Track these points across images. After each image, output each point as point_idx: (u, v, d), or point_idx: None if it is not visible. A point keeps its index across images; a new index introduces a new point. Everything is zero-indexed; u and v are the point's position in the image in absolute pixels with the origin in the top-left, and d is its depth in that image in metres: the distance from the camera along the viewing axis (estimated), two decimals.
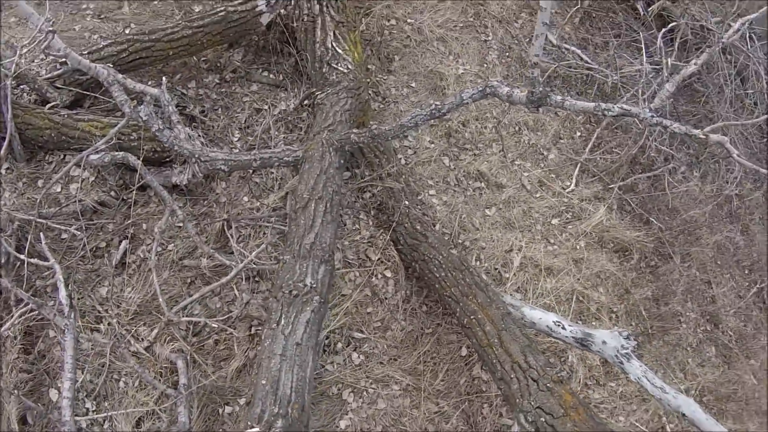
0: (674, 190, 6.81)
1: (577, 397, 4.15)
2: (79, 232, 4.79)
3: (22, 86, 5.32)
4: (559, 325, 4.85)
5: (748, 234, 7.34)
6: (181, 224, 4.94)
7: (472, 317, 4.72)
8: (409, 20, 6.68)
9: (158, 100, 4.96)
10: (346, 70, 5.54)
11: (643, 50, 6.86)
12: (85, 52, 5.26)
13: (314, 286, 3.99)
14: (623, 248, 6.35)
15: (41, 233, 4.67)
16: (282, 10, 5.79)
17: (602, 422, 4.08)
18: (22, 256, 4.54)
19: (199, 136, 5.33)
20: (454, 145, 6.23)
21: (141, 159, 4.79)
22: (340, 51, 5.64)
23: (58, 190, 5.15)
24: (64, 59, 4.68)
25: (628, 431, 5.11)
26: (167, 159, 5.18)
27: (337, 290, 5.21)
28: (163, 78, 5.01)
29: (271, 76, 6.03)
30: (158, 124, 4.48)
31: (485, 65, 6.71)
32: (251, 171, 5.36)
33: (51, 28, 4.19)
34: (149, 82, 5.56)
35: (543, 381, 4.19)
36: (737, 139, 7.24)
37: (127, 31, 5.87)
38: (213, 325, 4.71)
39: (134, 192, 5.03)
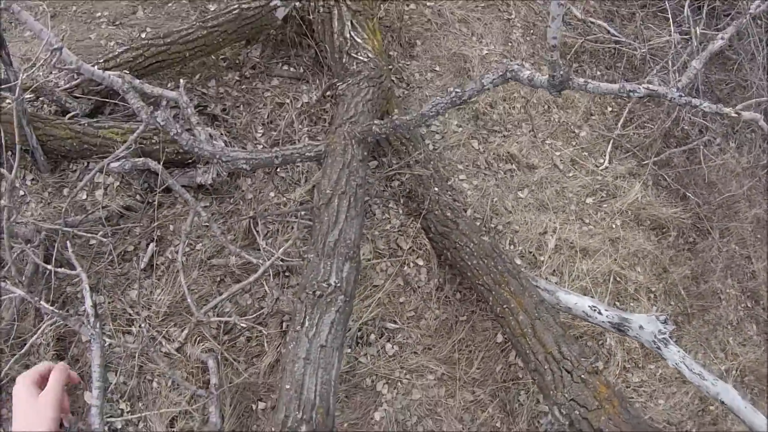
0: (710, 163, 6.49)
1: (612, 389, 3.97)
2: (105, 239, 4.69)
3: (41, 98, 5.24)
4: (595, 310, 4.64)
5: None
6: (207, 224, 4.81)
7: (504, 306, 4.52)
8: (428, 3, 6.46)
9: (177, 102, 4.83)
10: (366, 59, 5.35)
11: (671, 20, 6.54)
12: (101, 60, 5.17)
13: (339, 285, 3.81)
14: (660, 225, 6.09)
15: (68, 242, 4.59)
16: (297, 3, 5.62)
17: (637, 414, 3.88)
18: (49, 267, 4.45)
19: (222, 135, 5.20)
20: (483, 128, 6.01)
21: (162, 162, 4.67)
22: (359, 40, 5.45)
23: (84, 197, 5.08)
24: (77, 71, 4.54)
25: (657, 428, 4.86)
26: (191, 160, 5.06)
27: (369, 281, 5.06)
28: (181, 80, 4.88)
29: (292, 69, 5.86)
30: (176, 128, 4.33)
31: (510, 44, 6.47)
32: (275, 167, 5.20)
33: (56, 46, 4.04)
34: (169, 84, 5.46)
35: (577, 372, 4.00)
36: None
37: (142, 36, 5.77)
38: (242, 325, 4.56)
39: (159, 194, 4.94)
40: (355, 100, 4.98)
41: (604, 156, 6.22)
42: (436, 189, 5.18)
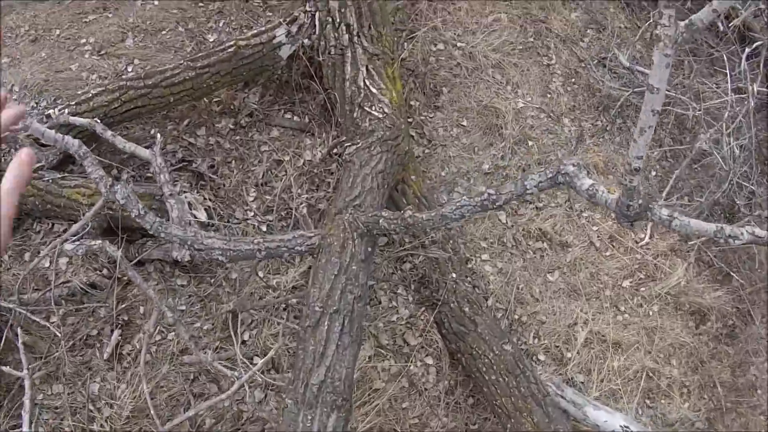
0: None
1: None
2: (58, 332, 3.67)
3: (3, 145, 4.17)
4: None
5: None
6: (173, 324, 3.75)
7: None
8: (459, 44, 5.23)
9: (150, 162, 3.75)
10: (381, 115, 4.20)
11: (728, 77, 5.31)
12: (73, 103, 4.09)
13: None
14: (700, 311, 4.97)
15: (19, 329, 3.66)
16: (305, 40, 4.44)
17: None
18: None
19: (205, 200, 4.13)
20: None
21: (134, 230, 3.70)
22: (374, 90, 4.30)
23: (47, 264, 4.05)
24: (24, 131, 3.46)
25: None
26: None
27: (368, 384, 4.02)
28: (158, 136, 3.79)
29: (295, 118, 4.70)
30: (137, 207, 3.26)
31: (549, 95, 5.24)
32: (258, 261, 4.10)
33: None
34: (152, 131, 4.37)
35: None
36: None
37: (129, 69, 4.65)
38: None
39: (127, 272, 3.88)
40: (363, 172, 3.85)
41: (645, 230, 5.07)
42: (454, 275, 4.13)
